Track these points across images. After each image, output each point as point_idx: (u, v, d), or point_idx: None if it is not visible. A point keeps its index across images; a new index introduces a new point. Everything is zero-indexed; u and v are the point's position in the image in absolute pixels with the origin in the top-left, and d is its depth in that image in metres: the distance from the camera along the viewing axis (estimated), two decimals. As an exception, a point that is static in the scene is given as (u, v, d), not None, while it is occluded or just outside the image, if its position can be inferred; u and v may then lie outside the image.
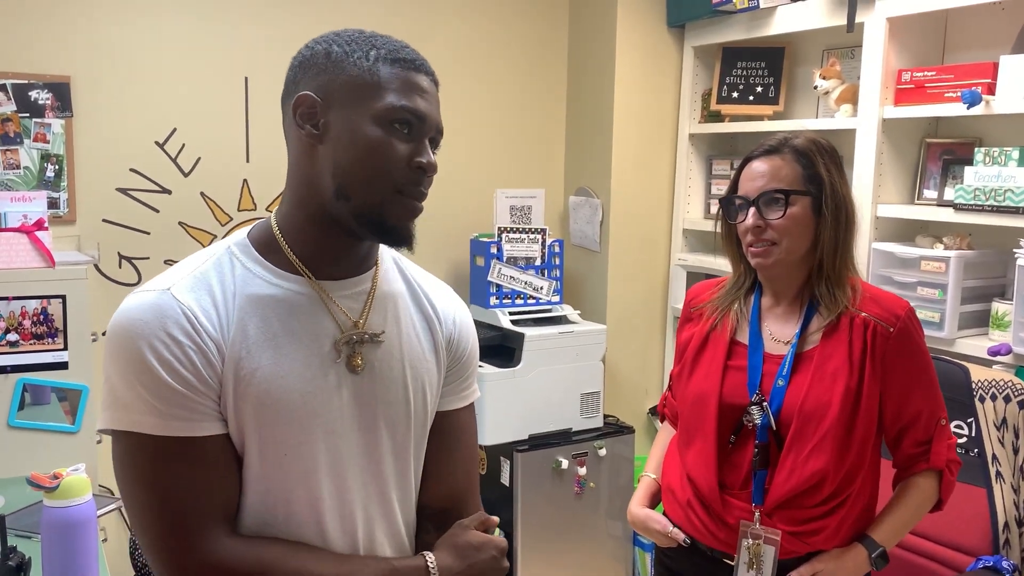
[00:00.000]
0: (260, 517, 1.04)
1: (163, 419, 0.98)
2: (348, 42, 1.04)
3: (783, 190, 1.55)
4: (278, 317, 1.04)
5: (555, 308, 3.07)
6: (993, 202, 2.23)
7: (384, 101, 1.02)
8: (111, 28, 2.66)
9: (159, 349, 0.98)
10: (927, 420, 1.59)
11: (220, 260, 1.07)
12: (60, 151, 2.61)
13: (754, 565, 1.56)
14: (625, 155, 3.24)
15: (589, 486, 3.00)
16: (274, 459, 1.03)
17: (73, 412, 2.38)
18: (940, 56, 2.62)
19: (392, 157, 1.02)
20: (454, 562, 1.09)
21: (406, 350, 1.13)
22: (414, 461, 1.16)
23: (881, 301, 1.59)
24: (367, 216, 1.03)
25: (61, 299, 2.33)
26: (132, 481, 1.00)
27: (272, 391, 1.02)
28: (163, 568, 1.00)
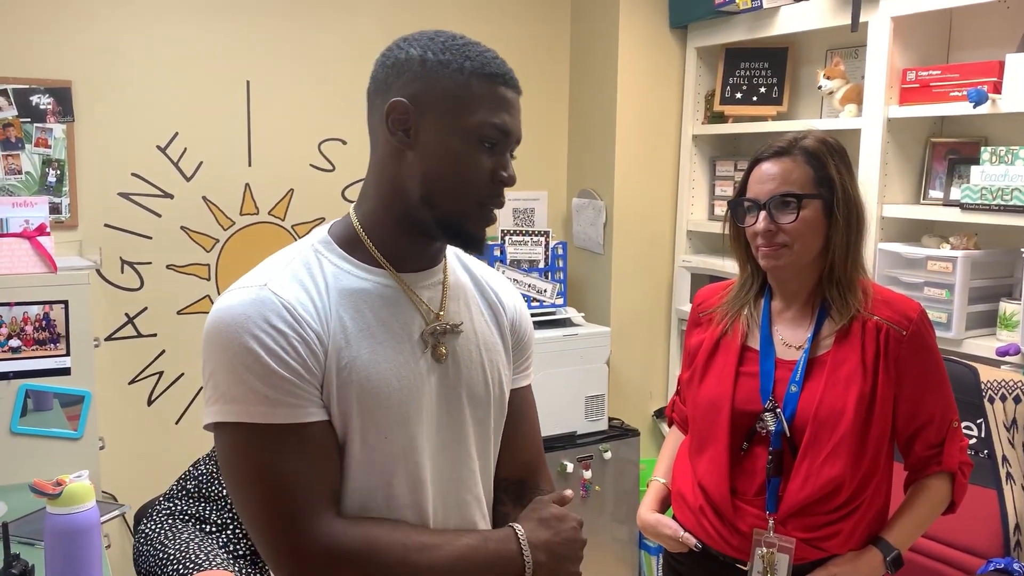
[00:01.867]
0: (362, 503, 1.09)
1: (273, 407, 1.02)
2: (443, 50, 1.07)
3: (795, 193, 1.53)
4: (370, 308, 1.09)
5: (559, 311, 3.06)
6: (1000, 201, 2.22)
7: (475, 117, 1.06)
8: (112, 32, 2.65)
9: (265, 340, 1.01)
10: (940, 423, 1.58)
11: (307, 257, 1.11)
12: (62, 156, 2.60)
13: (768, 573, 1.55)
14: (628, 157, 3.23)
15: (594, 489, 2.99)
16: (376, 443, 1.08)
17: (76, 418, 2.37)
18: (945, 55, 2.60)
19: (479, 172, 1.08)
20: (540, 531, 1.15)
21: (480, 336, 1.20)
22: (494, 440, 1.23)
23: (893, 304, 1.58)
24: (449, 223, 1.09)
25: (63, 304, 2.32)
26: (243, 471, 1.04)
27: (372, 378, 1.07)
28: (278, 554, 1.03)
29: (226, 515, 2.28)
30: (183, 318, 2.84)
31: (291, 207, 2.96)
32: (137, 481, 2.68)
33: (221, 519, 2.27)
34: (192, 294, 2.85)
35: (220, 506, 2.29)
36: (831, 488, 1.51)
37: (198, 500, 2.30)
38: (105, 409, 2.61)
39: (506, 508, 1.23)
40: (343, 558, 1.03)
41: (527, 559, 1.11)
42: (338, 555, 1.03)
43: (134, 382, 2.80)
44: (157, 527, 2.25)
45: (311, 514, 1.02)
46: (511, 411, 1.26)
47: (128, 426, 2.78)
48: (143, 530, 2.28)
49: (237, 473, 1.04)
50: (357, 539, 1.04)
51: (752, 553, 1.56)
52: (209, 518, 2.27)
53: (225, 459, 1.05)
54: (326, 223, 1.18)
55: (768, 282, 1.66)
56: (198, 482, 2.32)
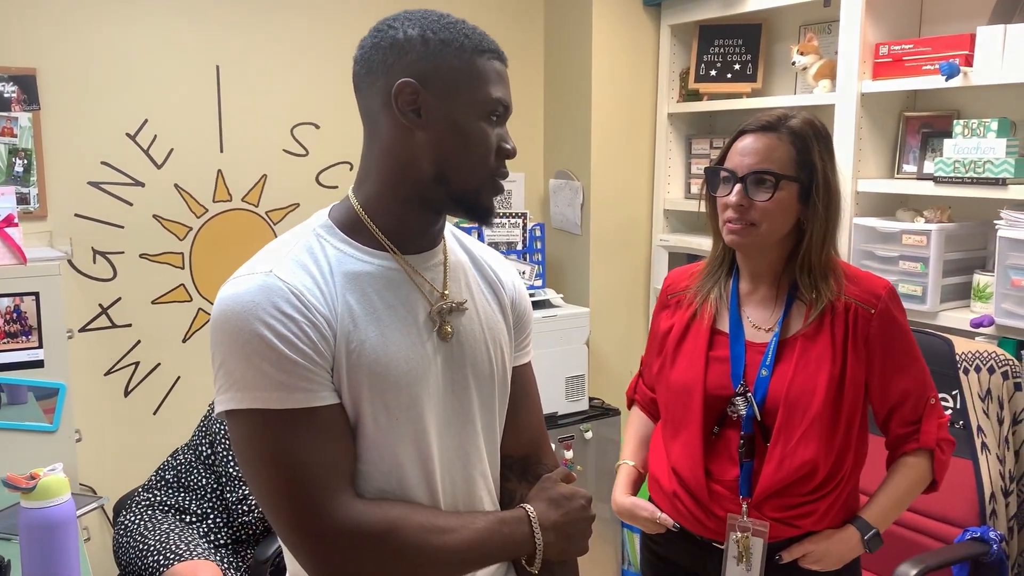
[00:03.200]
0: (376, 484, 1.10)
1: (287, 392, 1.02)
2: (441, 29, 1.09)
3: (774, 172, 1.51)
4: (376, 292, 1.10)
5: (538, 292, 3.05)
6: (972, 174, 2.23)
7: (483, 93, 1.09)
8: (77, 18, 2.60)
9: (275, 326, 1.02)
10: (915, 400, 1.57)
11: (309, 242, 1.11)
12: (28, 145, 2.56)
13: (743, 558, 1.55)
14: (604, 136, 3.22)
15: (576, 469, 3.00)
16: (386, 425, 1.09)
17: (51, 411, 2.34)
18: (917, 29, 2.61)
19: (489, 146, 1.11)
20: (550, 512, 1.17)
21: (483, 314, 1.21)
22: (499, 417, 1.24)
23: (860, 282, 1.57)
24: (464, 198, 1.11)
25: (34, 296, 2.28)
26: (259, 457, 1.04)
27: (381, 360, 1.08)
28: (300, 537, 1.04)
29: (205, 504, 2.26)
30: (158, 307, 2.81)
31: (265, 193, 2.93)
32: (115, 473, 2.66)
33: (201, 509, 2.26)
34: (166, 283, 2.82)
35: (199, 495, 2.27)
36: (806, 471, 1.51)
37: (177, 490, 2.29)
38: (81, 401, 2.58)
39: (512, 484, 1.26)
40: (365, 539, 1.04)
41: (538, 540, 1.14)
42: (360, 536, 1.04)
43: (110, 373, 2.77)
44: (136, 518, 2.23)
45: (331, 496, 1.03)
46: (514, 388, 1.27)
47: (105, 418, 2.75)
48: (122, 522, 2.26)
49: (254, 459, 1.04)
50: (378, 520, 1.05)
51: (727, 538, 1.56)
52: (189, 508, 2.26)
53: (241, 446, 1.05)
54: (325, 208, 1.18)
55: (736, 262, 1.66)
56: (177, 472, 2.31)
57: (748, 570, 1.56)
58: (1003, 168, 2.17)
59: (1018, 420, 2.06)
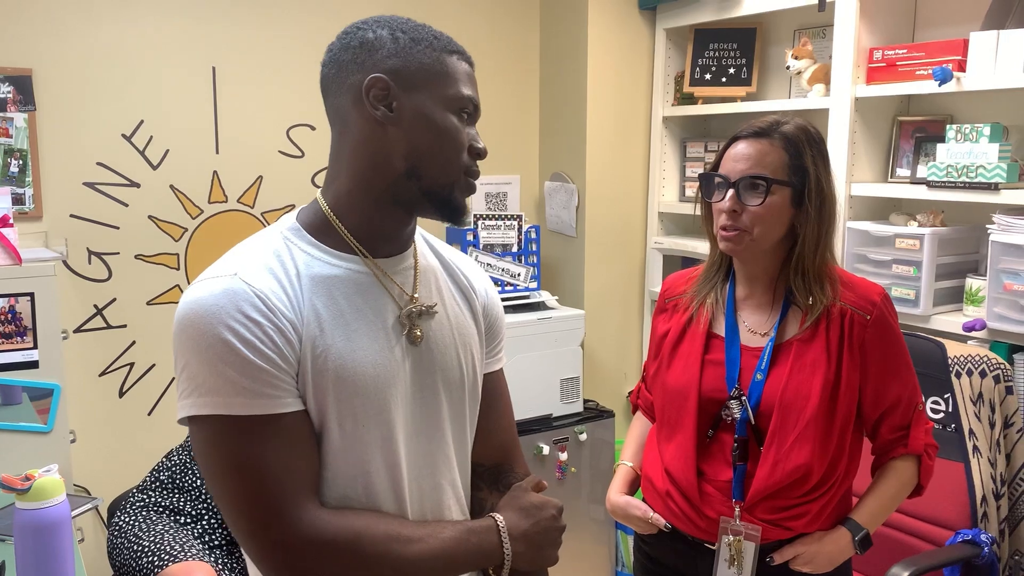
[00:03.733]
0: (342, 491, 1.08)
1: (250, 398, 1.01)
2: (409, 30, 1.10)
3: (765, 177, 1.51)
4: (343, 295, 1.09)
5: (533, 294, 3.06)
6: (965, 179, 2.25)
7: (454, 89, 1.09)
8: (73, 19, 2.60)
9: (239, 330, 1.00)
10: (905, 406, 1.59)
11: (276, 245, 1.10)
12: (24, 146, 2.55)
13: (735, 561, 1.56)
14: (599, 139, 3.23)
15: (571, 471, 3.00)
16: (352, 431, 1.07)
17: (45, 412, 2.34)
18: (911, 34, 2.62)
19: (462, 142, 1.10)
20: (520, 521, 1.15)
21: (453, 319, 1.20)
22: (469, 424, 1.23)
23: (855, 288, 1.58)
24: (437, 195, 1.10)
25: (29, 297, 2.28)
26: (223, 464, 1.02)
27: (348, 365, 1.06)
28: (261, 545, 1.02)
29: (200, 506, 2.26)
30: (153, 308, 2.81)
31: (260, 194, 2.93)
32: (110, 474, 2.66)
33: (196, 510, 2.26)
34: (161, 284, 2.82)
35: (194, 497, 2.27)
36: (800, 475, 1.52)
37: (172, 491, 2.28)
38: (76, 402, 2.58)
39: (483, 493, 1.24)
40: (328, 549, 1.02)
41: (507, 550, 1.12)
42: (323, 546, 1.02)
43: (105, 374, 2.77)
44: (131, 519, 2.23)
45: (294, 505, 1.01)
46: (485, 395, 1.26)
47: (100, 418, 2.75)
48: (117, 523, 2.26)
49: (216, 466, 1.02)
50: (342, 530, 1.03)
51: (719, 541, 1.57)
52: (183, 509, 2.26)
53: (203, 452, 1.03)
54: (293, 210, 1.17)
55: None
56: (172, 473, 2.30)
57: (739, 573, 1.56)
58: (995, 173, 2.18)
59: (1009, 423, 2.07)
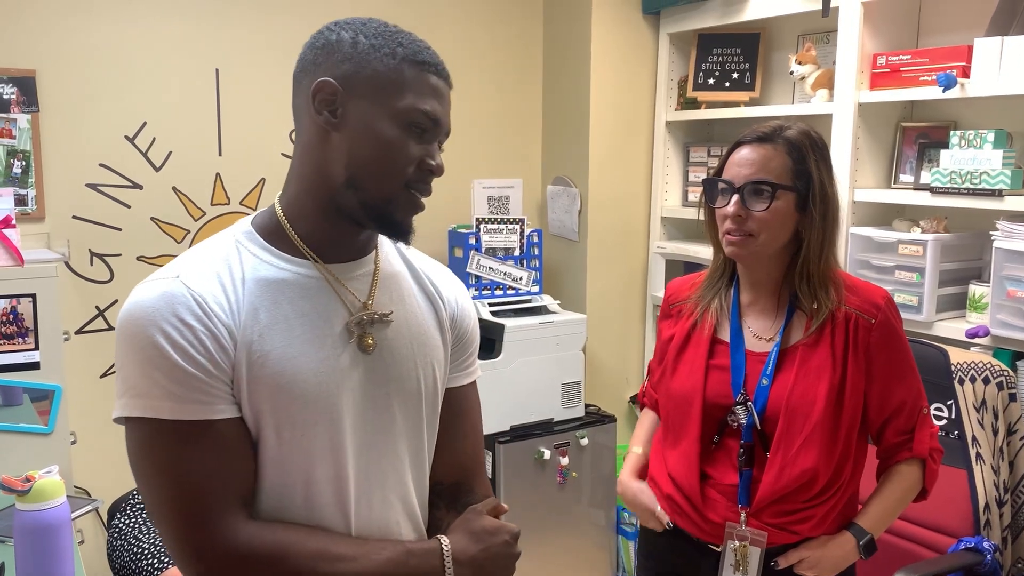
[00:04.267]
0: (279, 500, 1.06)
1: (179, 403, 0.99)
2: (375, 35, 1.06)
3: (770, 182, 1.51)
4: (288, 300, 1.06)
5: (535, 298, 3.06)
6: (969, 185, 2.24)
7: (405, 102, 1.05)
8: (77, 20, 2.60)
9: (172, 334, 0.99)
10: (910, 409, 1.58)
11: (227, 249, 1.09)
12: (27, 147, 2.56)
13: (740, 567, 1.55)
14: (602, 143, 3.22)
15: (572, 476, 2.99)
16: (290, 440, 1.04)
17: (46, 413, 2.34)
18: (915, 40, 2.62)
19: (406, 157, 1.05)
20: (469, 545, 1.11)
21: (413, 329, 1.16)
22: (427, 439, 1.19)
23: (859, 291, 1.58)
24: (374, 208, 1.06)
25: (31, 298, 2.28)
26: (149, 468, 1.01)
27: (285, 372, 1.04)
28: (183, 554, 1.01)
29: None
30: (155, 310, 2.80)
31: (263, 197, 2.93)
32: (110, 475, 2.64)
33: (196, 512, 2.25)
34: (163, 286, 2.81)
35: (195, 499, 2.27)
36: (807, 479, 1.52)
37: (172, 493, 2.28)
38: (76, 403, 2.57)
39: (440, 512, 1.20)
40: (250, 564, 1.00)
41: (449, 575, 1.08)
42: (245, 560, 1.00)
43: (106, 375, 2.77)
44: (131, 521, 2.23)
45: (219, 515, 1.00)
46: (450, 410, 1.22)
47: (100, 420, 2.72)
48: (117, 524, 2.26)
49: (144, 469, 1.02)
50: (266, 545, 1.01)
51: (724, 546, 1.57)
52: (184, 511, 2.25)
53: (132, 454, 1.02)
54: (251, 213, 1.16)
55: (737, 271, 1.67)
56: (172, 475, 2.30)
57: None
58: (999, 179, 2.18)
59: (1012, 431, 2.07)
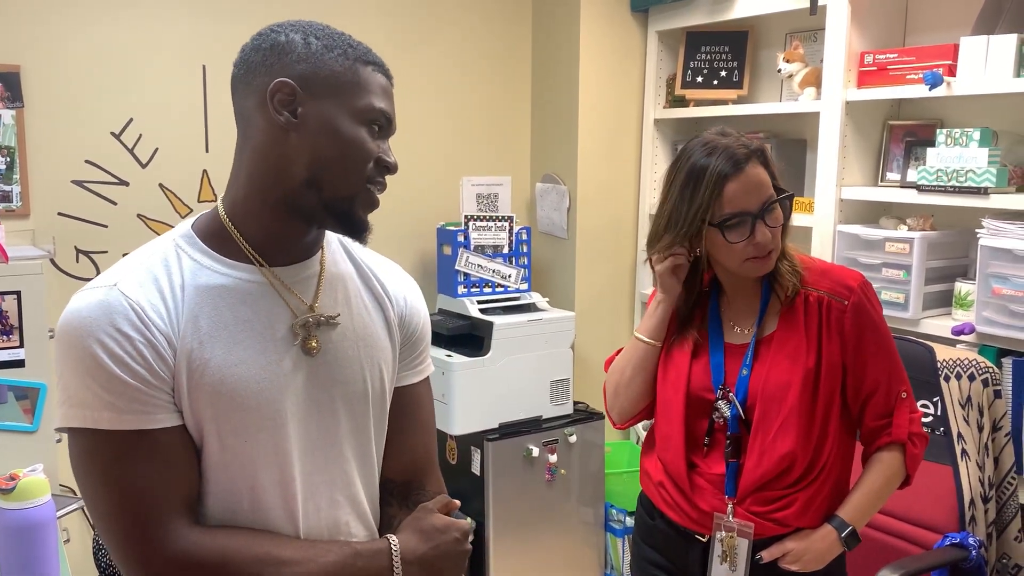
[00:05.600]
0: (226, 505, 1.06)
1: (118, 413, 0.99)
2: (325, 36, 1.07)
3: (785, 196, 1.54)
4: (229, 306, 1.06)
5: (523, 296, 3.06)
6: (955, 183, 2.25)
7: (364, 101, 1.06)
8: (63, 16, 2.58)
9: (109, 345, 0.99)
10: (886, 392, 1.59)
11: (167, 254, 1.07)
12: (11, 143, 2.54)
13: (727, 558, 1.57)
14: (591, 141, 3.22)
15: (560, 473, 3.00)
16: (234, 447, 1.05)
17: (32, 411, 2.32)
18: (902, 38, 2.63)
19: (367, 154, 1.06)
20: (418, 544, 1.11)
21: (359, 330, 1.16)
22: (375, 439, 1.19)
23: (832, 275, 1.60)
24: (336, 206, 1.06)
25: (16, 295, 2.26)
26: (91, 478, 1.01)
27: (226, 380, 1.03)
28: (127, 563, 1.01)
29: (188, 506, 2.25)
30: (141, 308, 2.79)
31: (250, 194, 2.92)
32: (96, 474, 2.64)
33: (183, 510, 2.24)
34: (150, 283, 2.80)
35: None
36: (786, 464, 1.54)
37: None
38: (62, 401, 2.56)
39: (392, 510, 1.20)
40: (193, 570, 1.00)
41: (397, 574, 1.08)
42: (189, 568, 1.00)
43: (92, 373, 2.75)
44: (117, 520, 2.22)
45: (161, 523, 1.00)
46: (400, 409, 1.22)
47: (86, 418, 2.73)
48: (103, 523, 2.24)
49: (86, 479, 1.01)
50: (209, 552, 1.01)
51: (712, 537, 1.59)
52: (171, 510, 2.24)
53: (75, 464, 1.02)
54: (191, 216, 1.14)
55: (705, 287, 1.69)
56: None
57: (733, 570, 1.57)
58: (985, 177, 2.19)
59: (997, 427, 2.08)
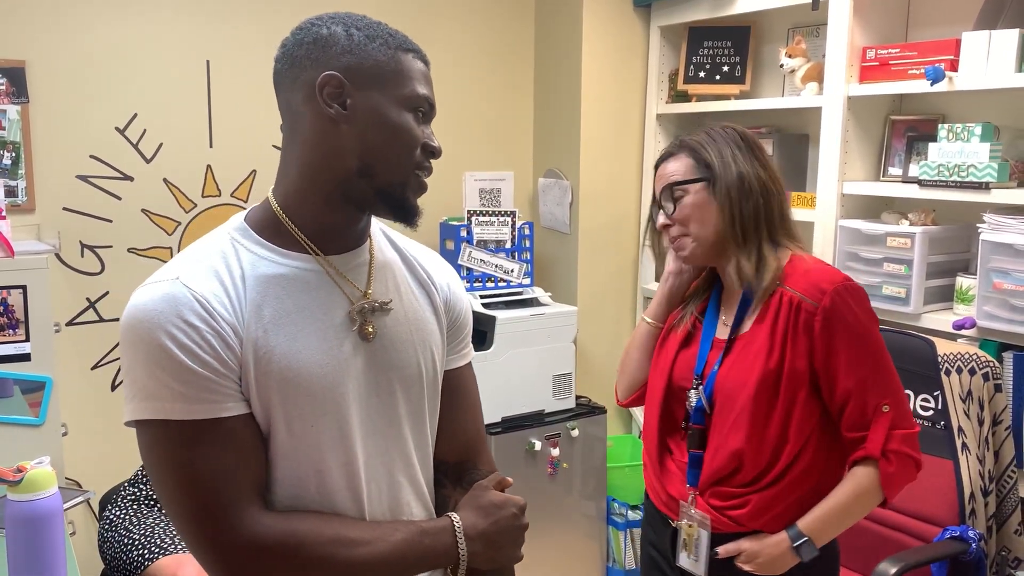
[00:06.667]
0: (294, 490, 1.08)
1: (188, 403, 1.01)
2: (365, 27, 1.10)
3: (670, 184, 1.61)
4: (289, 295, 1.08)
5: (526, 291, 3.07)
6: (956, 178, 2.26)
7: (409, 88, 1.09)
8: (68, 11, 2.59)
9: (177, 336, 1.01)
10: (860, 403, 1.52)
11: (223, 247, 1.10)
12: (17, 138, 2.55)
13: (687, 547, 1.62)
14: (593, 136, 3.23)
15: (562, 467, 3.01)
16: (301, 432, 1.07)
17: (37, 405, 2.34)
18: (904, 33, 2.63)
19: (416, 140, 1.10)
20: (478, 520, 1.14)
21: (410, 315, 1.19)
22: (430, 421, 1.22)
23: (812, 275, 1.56)
24: (389, 193, 1.10)
25: (22, 290, 2.27)
26: (163, 468, 1.04)
27: (293, 367, 1.06)
28: (201, 549, 1.03)
29: (193, 499, 2.27)
30: (146, 302, 2.80)
31: (254, 189, 2.93)
32: (101, 467, 2.65)
33: (188, 503, 2.26)
34: (154, 278, 2.81)
35: (186, 490, 2.27)
36: (736, 462, 1.56)
37: (164, 485, 2.29)
38: (67, 395, 2.58)
39: (447, 490, 1.23)
40: (268, 553, 1.03)
41: (462, 551, 1.12)
42: (264, 551, 1.02)
43: (97, 367, 2.77)
44: (122, 512, 2.23)
45: (233, 509, 1.02)
46: (449, 392, 1.25)
47: (91, 412, 2.75)
48: (108, 516, 2.26)
49: (159, 469, 1.04)
50: (283, 534, 1.03)
51: (679, 523, 1.64)
52: (176, 502, 2.26)
53: (147, 455, 1.05)
54: (243, 210, 1.17)
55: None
56: (164, 467, 2.30)
57: (695, 560, 1.62)
58: (986, 172, 2.19)
59: (998, 421, 2.09)
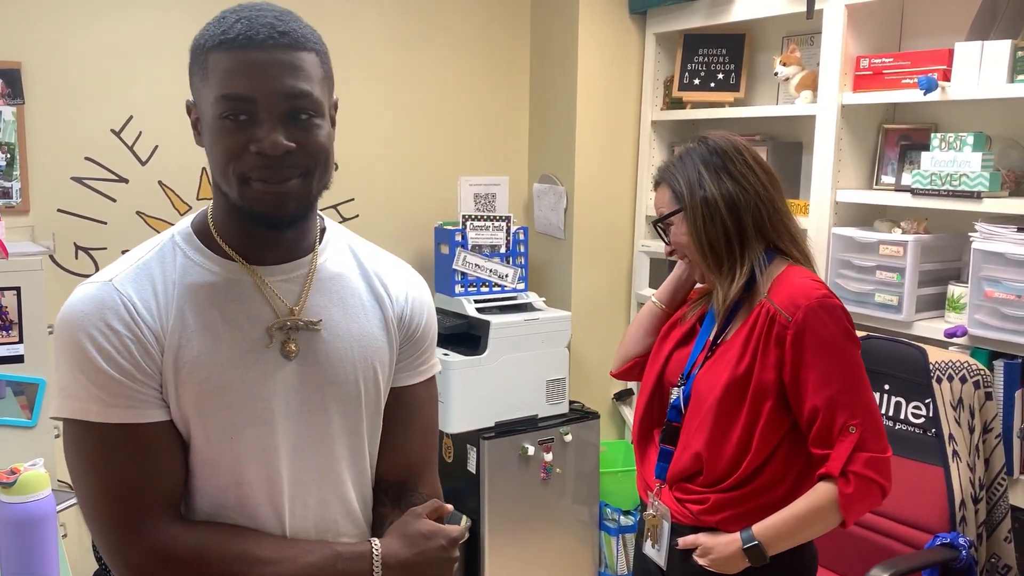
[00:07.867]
0: (213, 500, 1.07)
1: (104, 406, 1.01)
2: (208, 25, 1.06)
3: (656, 220, 1.71)
4: (215, 304, 1.07)
5: (520, 295, 3.07)
6: (949, 187, 2.27)
7: (212, 95, 1.02)
8: (64, 13, 2.59)
9: (98, 339, 1.01)
10: (827, 421, 1.51)
11: (164, 249, 1.10)
12: (11, 139, 2.55)
13: (650, 534, 1.69)
14: (588, 142, 3.24)
15: (555, 472, 3.01)
16: (220, 443, 1.06)
17: (30, 406, 2.33)
18: (897, 43, 2.65)
19: (229, 149, 1.01)
20: (400, 549, 1.09)
21: (353, 330, 1.14)
22: (368, 439, 1.18)
23: (791, 289, 1.56)
24: (239, 206, 1.05)
25: (15, 291, 2.27)
26: (78, 467, 1.04)
27: (212, 378, 1.05)
28: (107, 552, 1.03)
29: (185, 502, 2.26)
30: (140, 304, 2.80)
31: (249, 192, 2.93)
32: (94, 469, 2.65)
33: (180, 506, 2.26)
34: (149, 280, 2.81)
35: (179, 493, 2.27)
36: (696, 464, 1.61)
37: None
38: (60, 397, 2.57)
39: (385, 509, 1.19)
40: (170, 564, 1.02)
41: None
42: (165, 560, 1.02)
43: (90, 369, 2.76)
44: (115, 515, 2.23)
45: (141, 516, 1.02)
46: (399, 409, 1.21)
47: (84, 414, 2.74)
48: (101, 518, 2.26)
49: (75, 468, 1.04)
50: (186, 546, 1.02)
51: (646, 515, 1.71)
52: (168, 505, 2.26)
53: (66, 454, 1.05)
54: (191, 213, 1.17)
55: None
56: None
57: (659, 550, 1.68)
58: (978, 181, 2.21)
59: (988, 429, 2.10)
